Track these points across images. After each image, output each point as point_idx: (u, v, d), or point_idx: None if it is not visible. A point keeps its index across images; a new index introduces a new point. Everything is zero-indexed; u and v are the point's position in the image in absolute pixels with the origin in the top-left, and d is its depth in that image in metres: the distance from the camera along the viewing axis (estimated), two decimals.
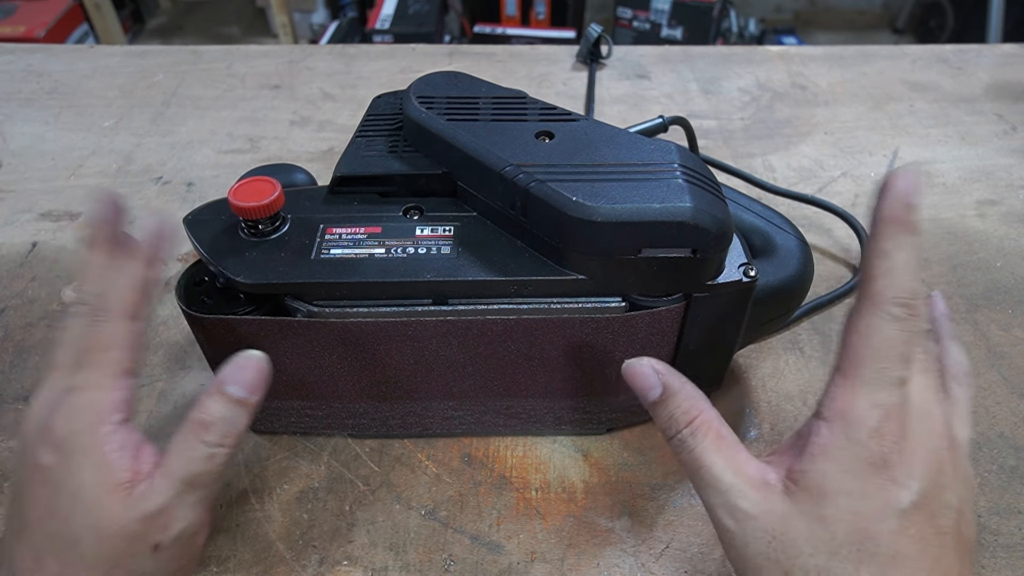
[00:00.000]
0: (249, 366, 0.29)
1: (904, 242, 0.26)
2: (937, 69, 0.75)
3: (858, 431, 0.25)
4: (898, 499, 0.25)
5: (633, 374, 0.29)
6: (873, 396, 0.25)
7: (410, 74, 0.75)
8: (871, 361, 0.26)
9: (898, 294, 0.26)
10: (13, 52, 0.79)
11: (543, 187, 0.31)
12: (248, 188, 0.32)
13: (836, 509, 0.25)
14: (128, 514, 0.26)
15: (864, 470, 0.25)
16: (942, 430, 0.26)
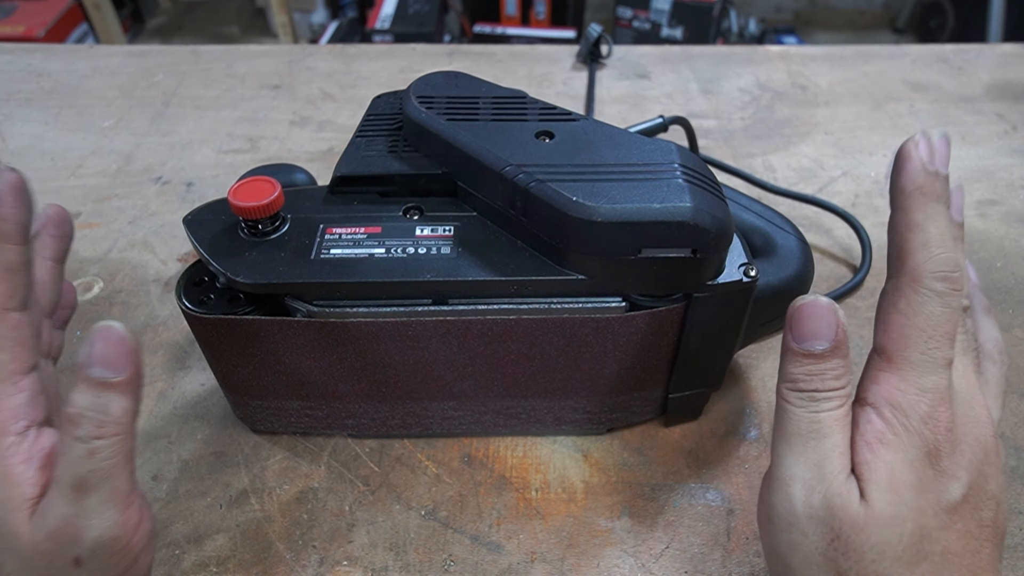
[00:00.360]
0: (110, 340, 0.25)
1: (935, 212, 0.25)
2: (937, 69, 0.75)
3: (910, 417, 0.24)
4: (950, 492, 0.24)
5: (807, 313, 0.25)
6: (922, 379, 0.24)
7: (410, 74, 0.75)
8: (917, 342, 0.24)
9: (939, 267, 0.24)
10: (13, 52, 0.79)
11: (543, 187, 0.31)
12: (248, 188, 0.32)
13: (904, 508, 0.24)
14: (36, 534, 0.24)
15: (922, 461, 0.24)
16: (986, 416, 0.25)
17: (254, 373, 0.36)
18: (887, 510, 0.24)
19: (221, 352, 0.35)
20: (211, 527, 0.37)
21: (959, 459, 0.24)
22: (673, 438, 0.41)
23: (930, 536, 0.24)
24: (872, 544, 0.24)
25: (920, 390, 0.24)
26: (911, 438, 0.24)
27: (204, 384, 0.44)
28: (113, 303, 0.49)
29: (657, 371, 0.37)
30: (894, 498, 0.24)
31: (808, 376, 0.25)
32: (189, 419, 0.42)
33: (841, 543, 0.24)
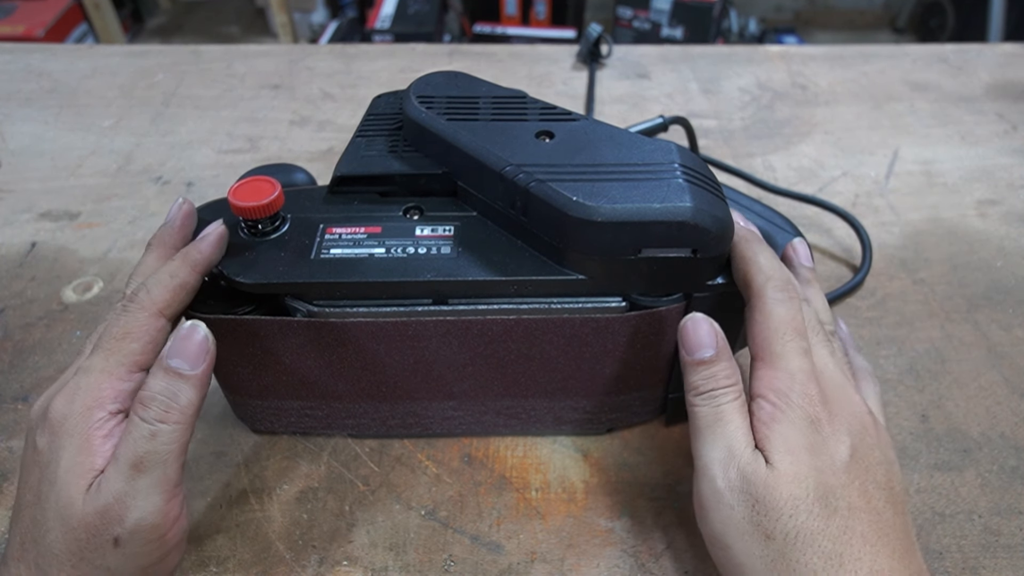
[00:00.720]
0: (192, 339, 0.29)
1: (760, 248, 0.32)
2: (937, 69, 0.75)
3: (789, 395, 0.29)
4: (838, 452, 0.28)
5: (691, 330, 0.31)
6: (788, 365, 0.29)
7: (410, 74, 0.75)
8: (776, 338, 0.30)
9: (775, 283, 0.31)
10: (13, 52, 0.79)
11: (543, 187, 0.31)
12: (248, 188, 0.32)
13: (804, 466, 0.27)
14: (87, 506, 0.26)
15: (809, 429, 0.28)
16: (855, 395, 0.30)
17: (254, 373, 0.36)
18: (789, 468, 0.27)
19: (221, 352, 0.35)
20: (211, 527, 0.37)
21: (838, 424, 0.29)
22: (673, 438, 0.41)
23: (833, 492, 0.27)
24: (785, 499, 0.27)
25: (789, 373, 0.29)
26: (793, 411, 0.28)
27: None
28: (113, 303, 0.49)
29: (657, 371, 0.37)
30: (793, 458, 0.28)
31: (704, 380, 0.30)
32: None
33: (761, 506, 0.27)
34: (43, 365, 0.45)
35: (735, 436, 0.29)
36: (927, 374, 0.44)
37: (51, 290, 0.50)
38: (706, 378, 0.30)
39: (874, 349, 0.46)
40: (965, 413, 0.42)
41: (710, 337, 0.31)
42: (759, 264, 0.31)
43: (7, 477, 0.39)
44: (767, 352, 0.30)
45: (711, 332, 0.31)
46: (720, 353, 0.31)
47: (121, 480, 0.26)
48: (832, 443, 0.28)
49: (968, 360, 0.45)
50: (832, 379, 0.30)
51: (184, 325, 0.29)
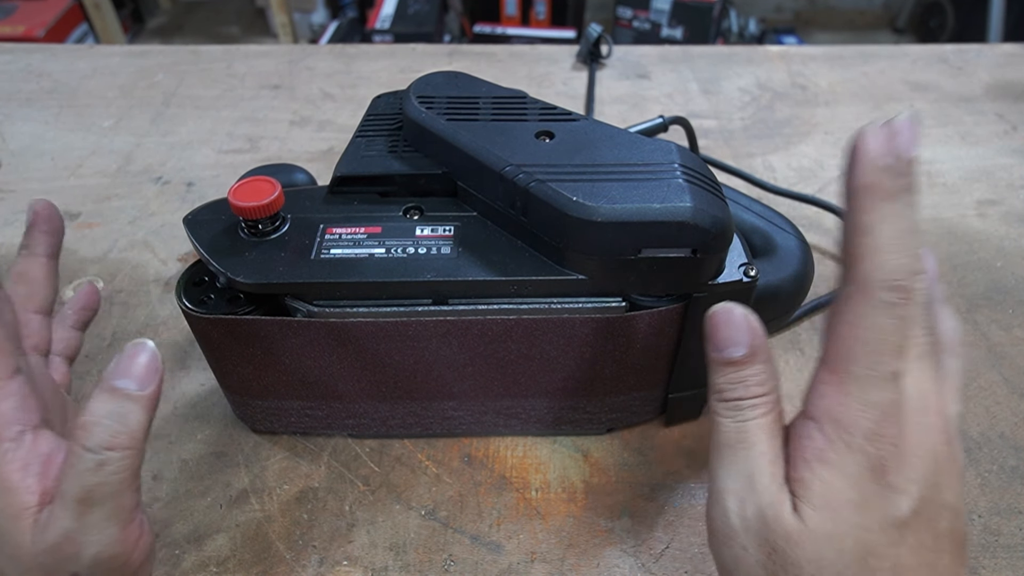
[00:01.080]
0: (139, 357, 0.25)
1: (889, 212, 0.22)
2: (937, 69, 0.75)
3: (853, 434, 0.23)
4: (898, 508, 0.23)
5: (722, 321, 0.26)
6: (866, 395, 0.23)
7: (410, 74, 0.75)
8: (862, 356, 0.23)
9: (889, 276, 0.22)
10: (13, 52, 0.79)
11: (543, 187, 0.31)
12: (248, 188, 0.32)
13: (844, 524, 0.23)
14: (36, 546, 0.24)
15: (863, 477, 0.23)
16: (941, 424, 0.24)
17: (254, 373, 0.36)
18: (822, 527, 0.23)
19: (221, 352, 0.35)
20: (211, 527, 0.37)
21: (908, 473, 0.23)
22: (673, 438, 0.41)
23: (876, 552, 0.23)
24: (809, 559, 0.23)
25: (864, 406, 0.23)
26: (853, 456, 0.23)
27: (204, 384, 0.44)
28: (113, 303, 0.49)
29: (657, 371, 0.37)
30: (830, 515, 0.23)
31: (731, 384, 0.25)
32: (189, 419, 0.42)
33: (779, 556, 0.23)
34: None
35: (759, 464, 0.24)
36: None
37: None
38: (733, 383, 0.25)
39: None
40: (965, 413, 0.42)
41: (743, 333, 0.25)
42: (877, 240, 0.22)
43: None
44: (845, 370, 0.23)
45: (745, 327, 0.25)
46: (755, 353, 0.25)
47: (69, 517, 0.24)
48: (893, 496, 0.23)
49: (968, 360, 0.45)
50: (917, 404, 0.23)
51: (131, 344, 0.25)
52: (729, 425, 0.25)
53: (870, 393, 0.23)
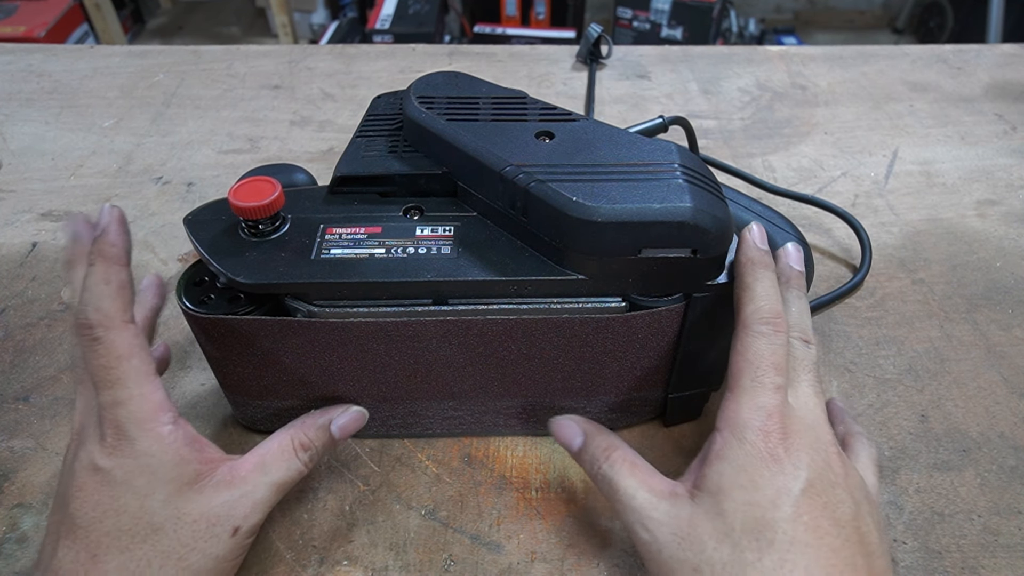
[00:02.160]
0: (355, 417, 0.36)
1: (762, 275, 0.31)
2: (937, 69, 0.75)
3: (745, 431, 0.29)
4: (788, 486, 0.28)
5: (558, 428, 0.35)
6: (754, 400, 0.29)
7: (410, 74, 0.75)
8: (748, 372, 0.30)
9: (762, 316, 0.31)
10: (13, 52, 0.79)
11: (543, 187, 0.31)
12: (248, 188, 0.32)
13: (732, 502, 0.28)
14: (212, 500, 0.30)
15: (755, 465, 0.28)
16: (826, 434, 0.30)
17: (254, 373, 0.36)
18: (714, 507, 0.28)
19: (221, 352, 0.35)
20: None
21: (797, 458, 0.28)
22: (673, 438, 0.41)
23: (772, 525, 0.27)
24: (709, 534, 0.28)
25: (754, 408, 0.29)
26: (743, 448, 0.29)
27: (204, 384, 0.44)
28: None
29: (657, 371, 0.37)
30: (722, 497, 0.28)
31: (591, 461, 0.33)
32: (189, 419, 0.41)
33: (686, 541, 0.28)
34: (44, 365, 0.45)
35: (635, 496, 0.30)
36: (926, 374, 0.44)
37: (52, 290, 0.50)
38: (589, 460, 0.33)
39: (873, 349, 0.46)
40: (964, 413, 0.42)
41: (573, 427, 0.34)
42: (753, 292, 0.31)
43: (7, 477, 0.39)
44: (737, 384, 0.30)
45: (571, 423, 0.35)
46: (587, 434, 0.34)
47: (266, 490, 0.31)
48: (783, 478, 0.28)
49: (967, 360, 0.45)
50: (801, 410, 0.30)
51: (353, 407, 0.36)
52: (605, 488, 0.32)
53: (758, 398, 0.29)
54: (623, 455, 0.32)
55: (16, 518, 0.37)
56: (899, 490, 0.38)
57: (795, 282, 0.34)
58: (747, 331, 0.31)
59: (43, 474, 0.39)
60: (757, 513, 0.27)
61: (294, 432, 0.33)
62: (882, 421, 0.42)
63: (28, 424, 0.41)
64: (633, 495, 0.30)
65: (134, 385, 0.29)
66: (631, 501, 0.30)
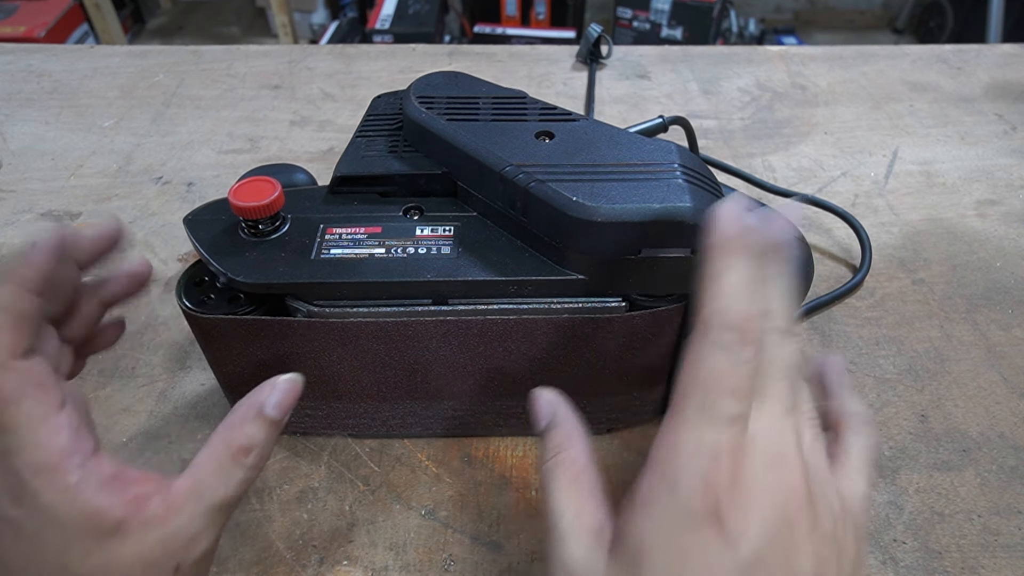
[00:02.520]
0: (285, 386, 0.29)
1: (734, 263, 0.23)
2: (937, 69, 0.75)
3: (679, 477, 0.22)
4: (724, 562, 0.21)
5: (535, 402, 0.29)
6: (698, 436, 0.22)
7: (410, 74, 0.75)
8: (695, 396, 0.22)
9: (726, 319, 0.23)
10: (13, 52, 0.79)
11: (543, 187, 0.31)
12: (248, 188, 0.32)
13: (651, 571, 0.22)
14: (142, 544, 0.25)
15: (685, 525, 0.22)
16: (798, 481, 0.23)
17: (254, 373, 0.36)
18: (629, 571, 0.22)
19: (221, 352, 0.35)
20: None
21: (743, 520, 0.21)
22: None
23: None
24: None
25: (694, 449, 0.22)
26: (674, 500, 0.22)
27: (204, 384, 0.44)
28: None
29: (657, 371, 0.37)
30: (638, 561, 0.22)
31: (542, 452, 0.27)
32: (189, 419, 0.42)
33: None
34: None
35: (561, 518, 0.25)
36: (926, 374, 0.44)
37: None
38: (541, 449, 0.28)
39: (873, 349, 0.46)
40: (964, 413, 0.42)
41: (545, 406, 0.28)
42: (718, 287, 0.23)
43: None
44: (678, 411, 0.23)
45: (545, 402, 0.28)
46: (552, 420, 0.28)
47: (205, 519, 0.26)
48: (719, 548, 0.21)
49: (967, 360, 0.45)
50: (766, 450, 0.23)
51: (278, 377, 0.29)
52: (542, 492, 0.27)
53: (704, 434, 0.22)
54: (572, 459, 0.26)
55: None
56: (899, 490, 0.38)
57: (774, 254, 0.25)
58: (703, 339, 0.23)
59: None
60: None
61: (226, 436, 0.28)
62: (882, 421, 0.42)
63: None
64: (560, 516, 0.25)
65: (26, 431, 0.25)
66: (556, 521, 0.25)
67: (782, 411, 0.24)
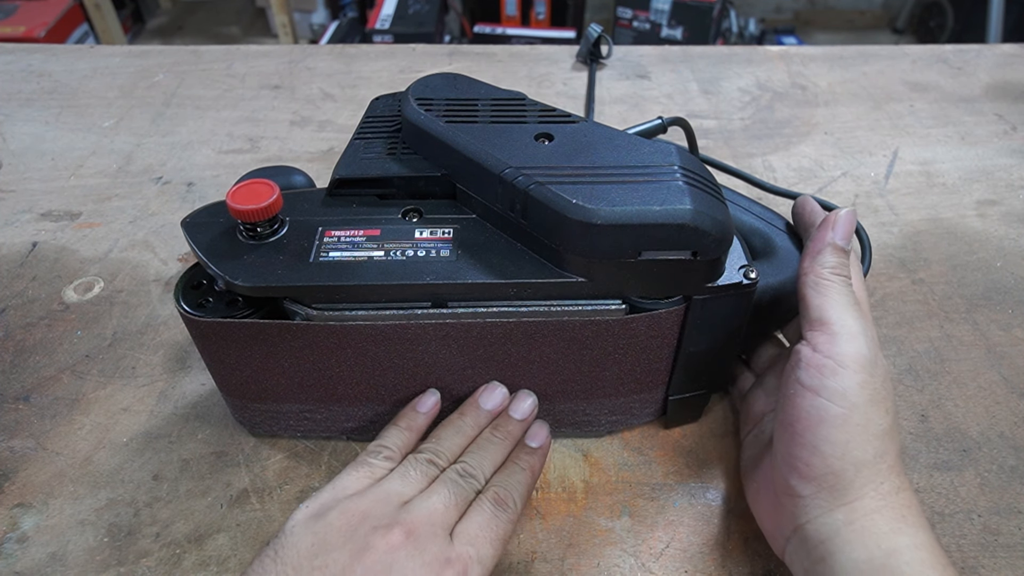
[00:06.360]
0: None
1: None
2: (937, 69, 0.75)
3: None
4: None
5: (847, 221, 0.34)
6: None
7: (410, 74, 0.75)
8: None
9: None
10: (13, 52, 0.79)
11: (543, 189, 0.31)
12: (246, 191, 0.32)
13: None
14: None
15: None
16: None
17: (253, 376, 0.36)
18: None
19: (220, 355, 0.35)
20: (212, 527, 0.37)
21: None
22: (673, 438, 0.41)
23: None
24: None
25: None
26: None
27: (204, 384, 0.44)
28: (114, 303, 0.49)
29: (657, 373, 0.37)
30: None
31: (843, 264, 0.33)
32: (189, 419, 0.42)
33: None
34: (44, 365, 0.45)
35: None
36: (926, 374, 0.44)
37: (52, 290, 0.50)
38: (844, 265, 0.34)
39: None
40: (964, 413, 0.42)
41: (851, 234, 0.34)
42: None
43: (8, 477, 0.39)
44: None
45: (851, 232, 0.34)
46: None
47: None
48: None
49: (967, 360, 0.45)
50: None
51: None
52: (846, 291, 0.32)
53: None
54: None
55: (16, 518, 0.37)
56: None
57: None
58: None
59: (43, 474, 0.39)
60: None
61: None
62: None
63: (28, 424, 0.41)
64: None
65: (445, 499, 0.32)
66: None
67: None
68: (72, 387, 0.43)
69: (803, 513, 0.31)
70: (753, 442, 0.38)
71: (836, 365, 0.30)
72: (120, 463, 0.40)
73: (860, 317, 0.31)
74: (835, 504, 0.30)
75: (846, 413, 0.30)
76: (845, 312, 0.31)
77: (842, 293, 0.32)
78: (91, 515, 0.37)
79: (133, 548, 0.36)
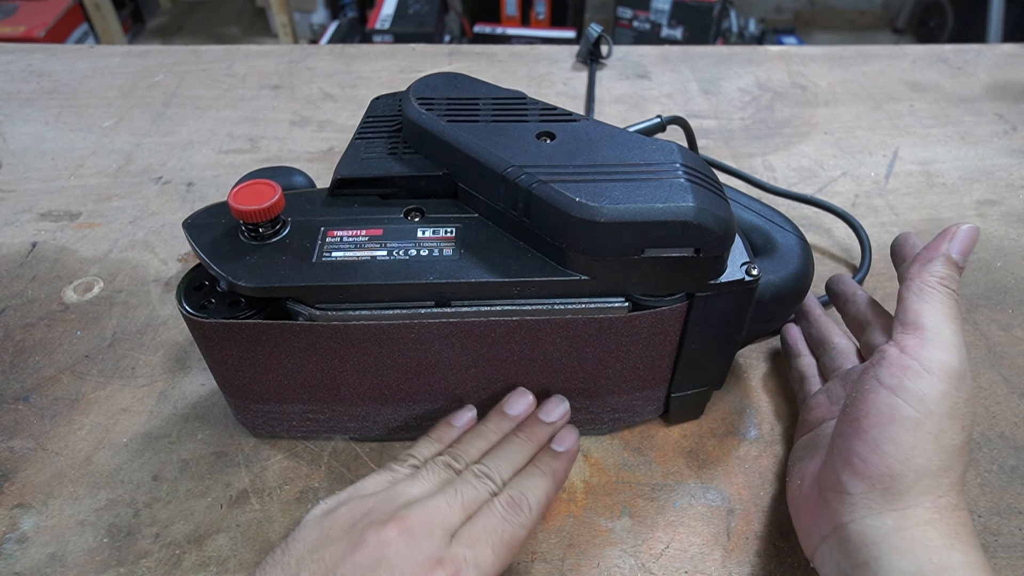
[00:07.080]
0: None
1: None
2: (937, 69, 0.75)
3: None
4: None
5: (970, 237, 0.33)
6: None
7: (410, 74, 0.75)
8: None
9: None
10: (13, 52, 0.79)
11: (545, 188, 0.31)
12: (248, 191, 0.32)
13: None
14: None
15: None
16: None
17: (256, 377, 0.36)
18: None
19: (222, 356, 0.35)
20: (211, 527, 0.37)
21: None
22: (673, 438, 0.41)
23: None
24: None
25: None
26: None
27: (204, 384, 0.44)
28: (114, 303, 0.49)
29: (660, 371, 0.37)
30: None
31: (955, 278, 0.33)
32: (189, 419, 0.42)
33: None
34: (44, 365, 0.45)
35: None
36: None
37: (52, 290, 0.50)
38: (954, 278, 0.33)
39: None
40: None
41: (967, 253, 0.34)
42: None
43: (7, 477, 0.39)
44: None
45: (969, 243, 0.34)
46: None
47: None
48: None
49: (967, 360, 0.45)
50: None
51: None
52: (951, 303, 0.32)
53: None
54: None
55: (16, 518, 0.37)
56: None
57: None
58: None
59: (43, 474, 0.39)
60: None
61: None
62: None
63: (28, 424, 0.41)
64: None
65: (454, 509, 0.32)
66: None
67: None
68: (72, 387, 0.43)
69: (848, 511, 0.30)
70: (807, 444, 0.37)
71: (921, 369, 0.30)
72: (120, 463, 0.40)
73: (958, 332, 0.31)
74: (886, 507, 0.29)
75: (920, 418, 0.29)
76: (944, 322, 0.31)
77: (946, 304, 0.31)
78: (91, 515, 0.37)
79: (133, 548, 0.36)
